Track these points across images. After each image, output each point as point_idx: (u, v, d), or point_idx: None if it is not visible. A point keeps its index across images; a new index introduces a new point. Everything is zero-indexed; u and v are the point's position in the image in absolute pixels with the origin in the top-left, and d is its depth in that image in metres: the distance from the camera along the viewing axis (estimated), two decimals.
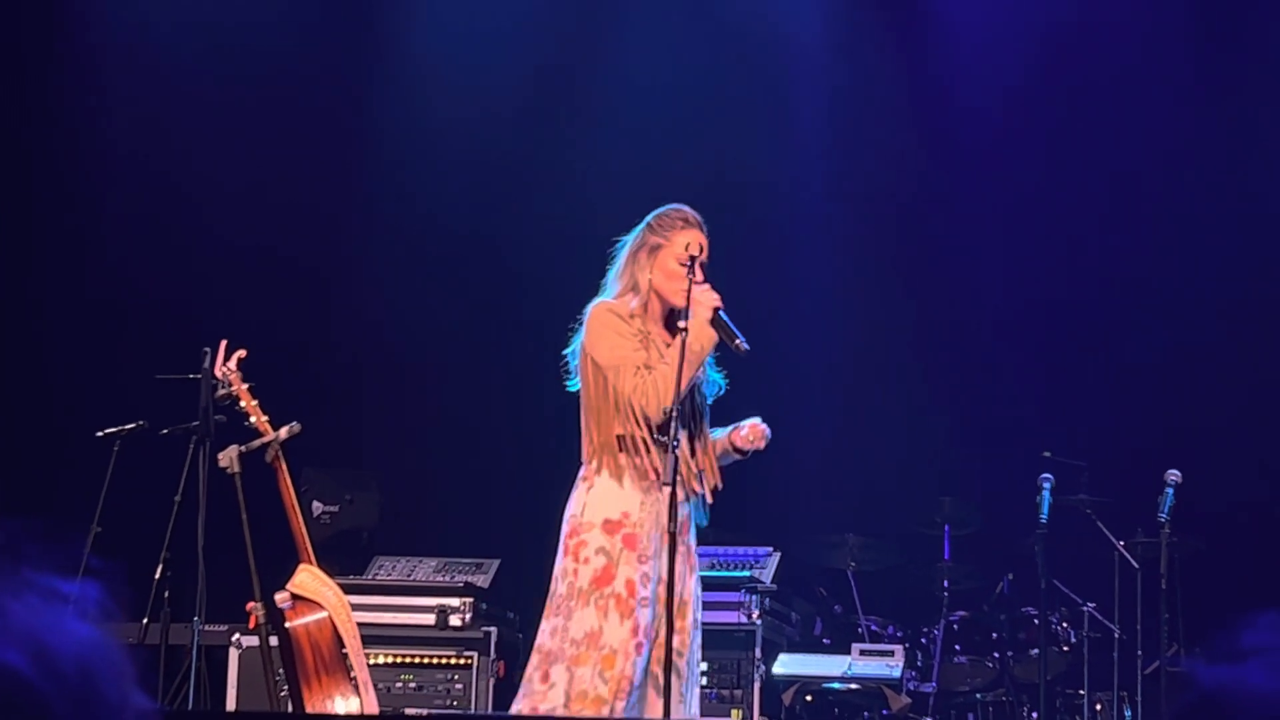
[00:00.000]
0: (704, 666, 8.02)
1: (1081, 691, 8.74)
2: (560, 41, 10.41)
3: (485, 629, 8.04)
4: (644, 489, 5.62)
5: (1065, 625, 8.90)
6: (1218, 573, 8.60)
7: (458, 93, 10.29)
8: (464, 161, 10.22)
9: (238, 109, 10.08)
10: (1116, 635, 8.72)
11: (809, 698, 8.36)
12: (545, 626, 5.65)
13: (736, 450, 5.82)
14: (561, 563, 5.71)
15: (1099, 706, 8.80)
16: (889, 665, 8.39)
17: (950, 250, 10.11)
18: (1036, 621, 8.71)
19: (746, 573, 8.32)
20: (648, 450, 5.60)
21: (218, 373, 6.54)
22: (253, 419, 6.43)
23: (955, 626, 8.96)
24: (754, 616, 8.08)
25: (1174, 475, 8.19)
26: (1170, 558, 8.11)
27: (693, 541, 5.77)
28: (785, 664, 8.34)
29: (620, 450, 5.63)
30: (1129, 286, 9.91)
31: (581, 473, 5.73)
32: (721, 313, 5.62)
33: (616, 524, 5.60)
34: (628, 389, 5.58)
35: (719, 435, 5.84)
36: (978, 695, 8.96)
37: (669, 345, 5.66)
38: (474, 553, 8.66)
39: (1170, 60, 10.01)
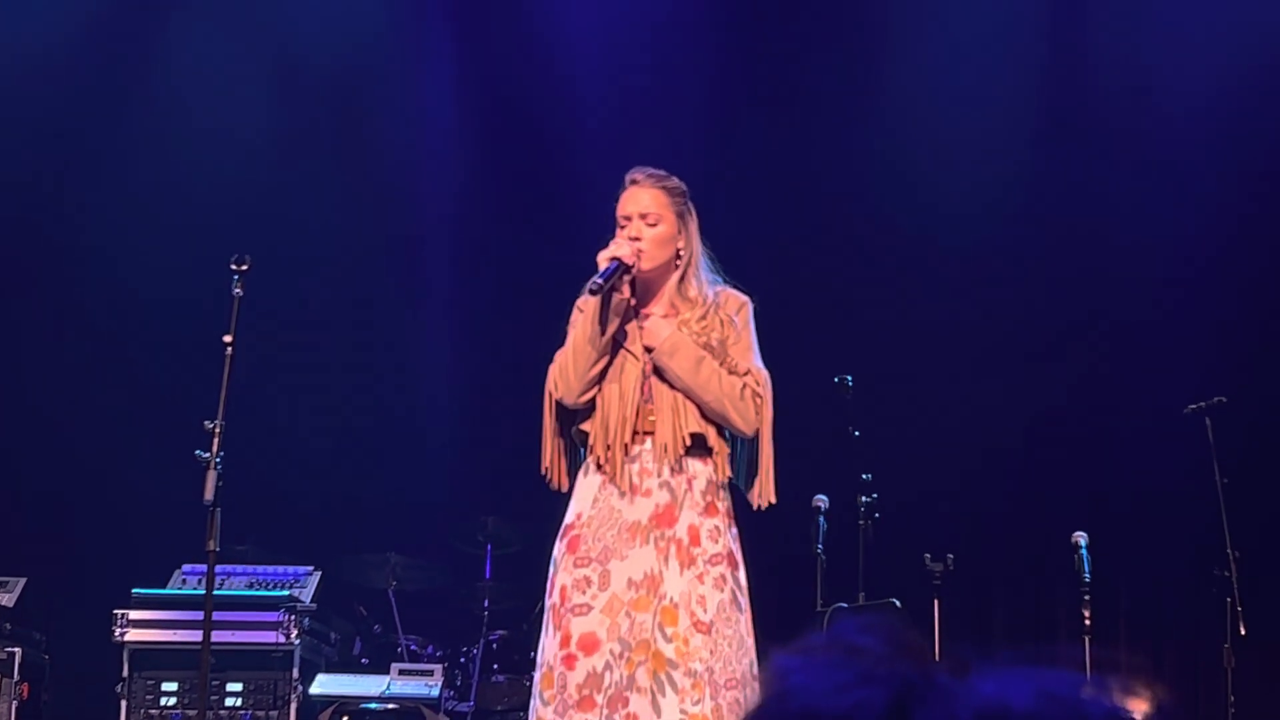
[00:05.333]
0: (238, 687, 7.89)
1: None
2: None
3: (9, 650, 7.75)
4: (600, 484, 5.11)
5: None
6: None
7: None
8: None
9: None
10: None
11: (345, 718, 8.29)
12: None
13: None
14: None
15: None
16: (428, 685, 8.39)
17: (489, 262, 10.17)
18: None
19: (285, 592, 8.20)
20: (585, 442, 5.14)
21: None
22: None
23: (494, 646, 9.02)
24: (292, 636, 7.97)
25: None
26: None
27: (685, 534, 5.05)
28: (323, 684, 8.26)
29: (576, 447, 5.22)
30: None
31: None
32: (614, 262, 4.99)
33: (569, 527, 5.14)
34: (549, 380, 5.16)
35: None
36: (515, 714, 9.05)
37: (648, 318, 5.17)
38: None
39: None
